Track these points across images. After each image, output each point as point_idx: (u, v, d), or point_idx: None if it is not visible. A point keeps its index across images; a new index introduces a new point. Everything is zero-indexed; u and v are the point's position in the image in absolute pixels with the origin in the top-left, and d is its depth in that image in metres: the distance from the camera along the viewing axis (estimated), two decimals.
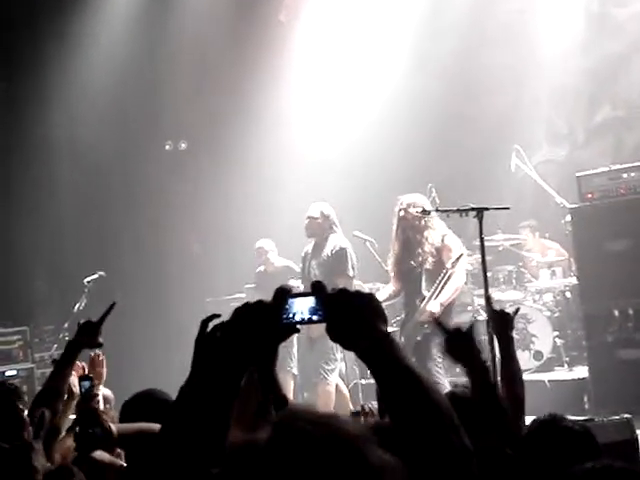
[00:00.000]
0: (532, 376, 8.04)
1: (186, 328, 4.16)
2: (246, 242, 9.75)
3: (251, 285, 9.49)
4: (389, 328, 1.67)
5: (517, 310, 3.81)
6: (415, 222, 7.01)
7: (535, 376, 8.13)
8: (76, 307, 9.03)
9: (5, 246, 10.48)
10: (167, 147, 11.60)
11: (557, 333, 8.64)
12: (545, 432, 2.74)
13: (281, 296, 1.66)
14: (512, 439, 2.89)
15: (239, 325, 1.65)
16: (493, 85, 10.68)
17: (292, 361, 8.26)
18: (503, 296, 8.96)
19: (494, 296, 8.09)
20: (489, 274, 6.13)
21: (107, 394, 4.32)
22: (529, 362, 8.32)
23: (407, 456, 1.32)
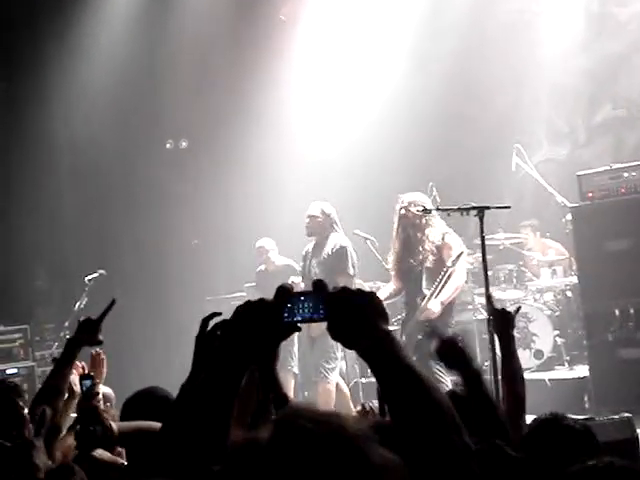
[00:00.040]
0: (533, 375, 8.04)
1: (186, 327, 4.17)
2: (246, 241, 9.74)
3: (251, 284, 9.48)
4: (390, 327, 1.67)
5: (518, 309, 3.81)
6: (416, 220, 7.01)
7: (536, 375, 8.13)
8: (77, 305, 9.04)
9: (6, 245, 10.48)
10: (168, 146, 11.59)
11: (558, 332, 8.64)
12: (546, 431, 2.74)
13: (282, 295, 1.66)
14: (510, 446, 2.81)
15: (241, 323, 1.65)
16: (493, 85, 10.68)
17: (293, 360, 8.26)
18: (504, 295, 8.97)
19: (495, 295, 8.11)
20: (490, 273, 6.14)
21: (108, 393, 4.32)
22: (530, 361, 8.32)
23: (408, 455, 1.32)
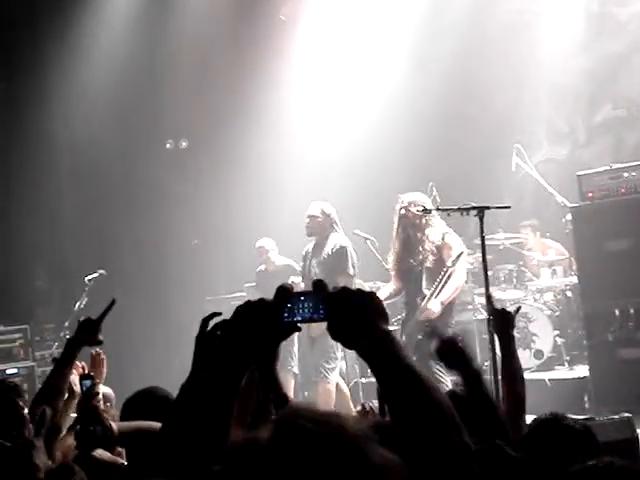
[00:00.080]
0: (533, 375, 8.04)
1: (186, 327, 4.17)
2: (246, 241, 9.74)
3: (251, 284, 9.48)
4: (390, 327, 1.67)
5: (518, 309, 3.81)
6: (416, 220, 7.01)
7: (536, 375, 8.13)
8: (77, 305, 9.04)
9: (6, 245, 10.48)
10: (168, 146, 11.59)
11: (558, 332, 8.63)
12: (546, 431, 2.74)
13: (282, 295, 1.66)
14: (510, 446, 2.80)
15: (241, 323, 1.65)
16: (493, 85, 10.68)
17: (293, 360, 8.26)
18: (504, 295, 8.96)
19: (495, 295, 8.10)
20: (490, 273, 6.14)
21: (108, 393, 4.32)
22: (530, 361, 8.32)
23: (408, 455, 1.32)
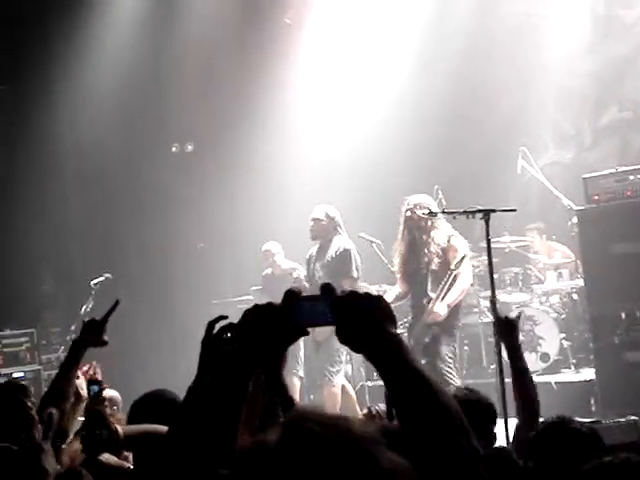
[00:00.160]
0: (539, 378, 8.00)
1: (192, 330, 4.16)
2: (252, 244, 9.74)
3: (258, 287, 9.49)
4: (397, 330, 1.67)
5: (520, 314, 3.81)
6: (421, 223, 7.00)
7: (542, 378, 8.10)
8: (83, 309, 9.05)
9: (12, 249, 10.50)
10: (173, 149, 11.61)
11: (564, 335, 8.61)
12: (553, 434, 2.74)
13: (290, 298, 1.66)
14: (535, 416, 3.33)
15: (249, 327, 1.65)
16: (499, 87, 10.66)
17: (298, 364, 8.25)
18: (509, 298, 8.95)
19: (500, 298, 8.10)
20: (495, 276, 6.13)
21: (114, 396, 4.33)
22: (536, 364, 8.30)
23: (416, 459, 1.31)
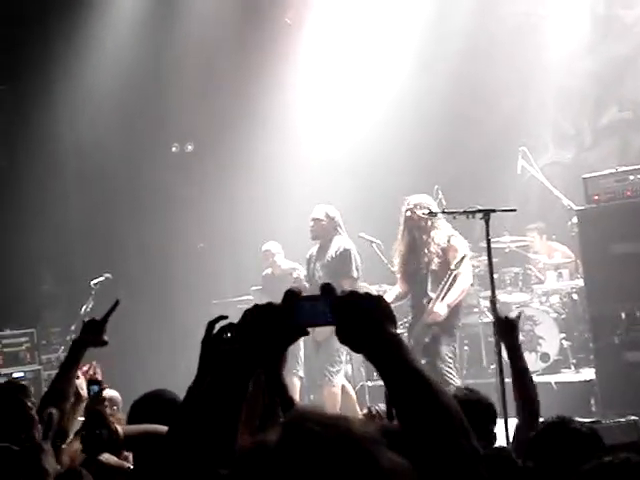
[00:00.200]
0: (539, 378, 8.00)
1: (192, 330, 4.16)
2: (252, 244, 9.74)
3: (258, 287, 9.49)
4: (397, 330, 1.67)
5: (520, 314, 3.82)
6: (421, 223, 7.00)
7: (542, 378, 8.10)
8: (83, 309, 9.05)
9: (12, 249, 10.50)
10: (173, 149, 11.61)
11: (564, 335, 8.61)
12: (553, 434, 2.74)
13: (290, 298, 1.66)
14: (535, 416, 3.36)
15: (249, 327, 1.65)
16: (499, 87, 10.66)
17: (298, 364, 8.25)
18: (510, 298, 8.95)
19: (500, 298, 8.10)
20: (495, 276, 6.13)
21: (114, 396, 4.32)
22: (536, 364, 8.30)
23: (416, 459, 1.31)
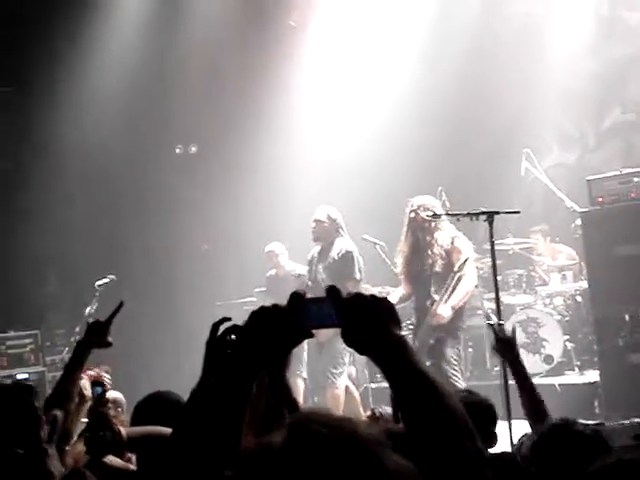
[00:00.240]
0: (542, 380, 8.01)
1: (196, 332, 4.16)
2: (256, 246, 9.74)
3: (262, 289, 9.48)
4: (402, 332, 1.67)
5: (514, 327, 3.91)
6: (425, 224, 6.98)
7: (546, 380, 8.11)
8: (87, 310, 9.05)
9: (16, 250, 10.51)
10: (177, 151, 11.62)
11: (568, 337, 8.60)
12: (556, 436, 2.73)
13: (296, 300, 1.66)
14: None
15: (254, 329, 1.65)
16: (503, 87, 10.65)
17: (302, 365, 8.25)
18: (513, 300, 8.94)
19: (503, 300, 8.10)
20: (499, 278, 6.13)
21: (118, 398, 4.32)
22: (540, 366, 8.29)
23: (421, 461, 1.31)
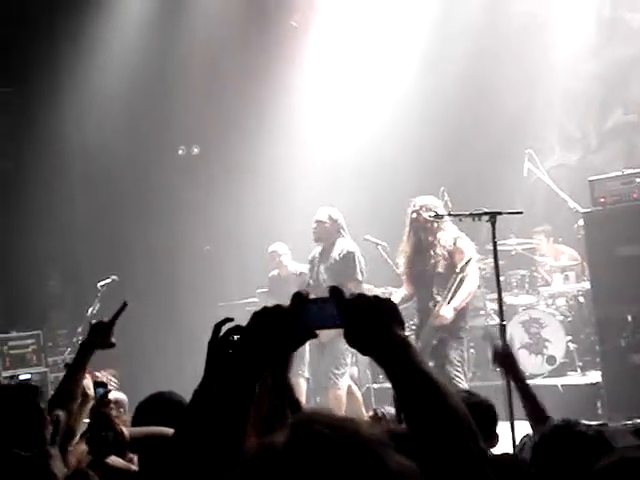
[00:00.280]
0: (545, 381, 8.02)
1: (198, 332, 4.16)
2: (258, 247, 9.74)
3: (264, 289, 9.48)
4: (405, 333, 1.67)
5: (510, 339, 4.02)
6: (427, 224, 6.97)
7: (548, 381, 8.11)
8: (89, 311, 9.06)
9: (18, 250, 10.52)
10: (180, 152, 11.63)
11: (570, 338, 8.60)
12: (559, 437, 2.73)
13: (298, 301, 1.66)
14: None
15: (257, 329, 1.65)
16: (506, 87, 10.65)
17: (304, 365, 8.24)
18: (516, 300, 8.94)
19: (506, 300, 8.10)
20: (502, 278, 6.12)
21: (121, 398, 4.32)
22: (542, 367, 8.29)
23: (424, 462, 1.31)
